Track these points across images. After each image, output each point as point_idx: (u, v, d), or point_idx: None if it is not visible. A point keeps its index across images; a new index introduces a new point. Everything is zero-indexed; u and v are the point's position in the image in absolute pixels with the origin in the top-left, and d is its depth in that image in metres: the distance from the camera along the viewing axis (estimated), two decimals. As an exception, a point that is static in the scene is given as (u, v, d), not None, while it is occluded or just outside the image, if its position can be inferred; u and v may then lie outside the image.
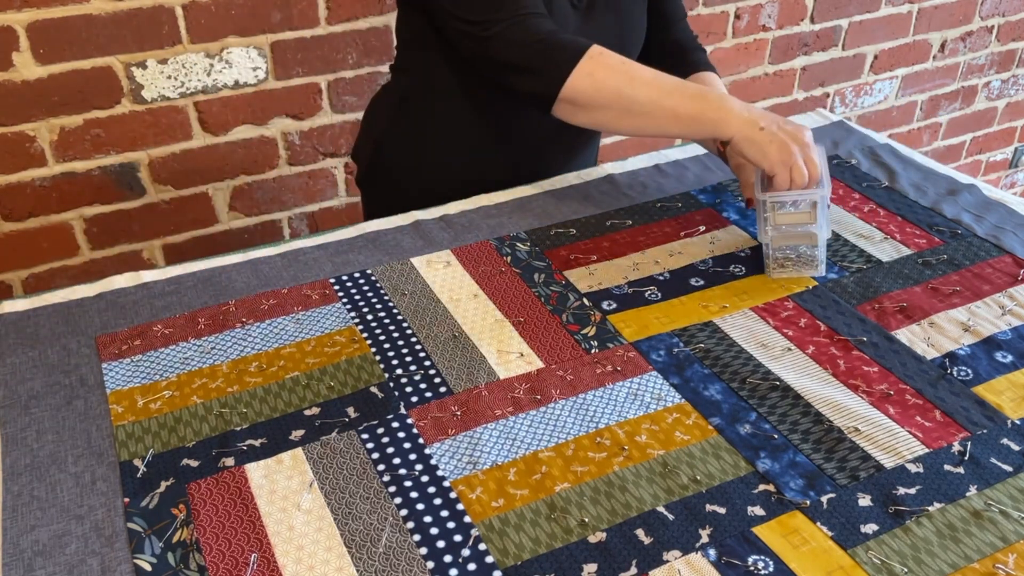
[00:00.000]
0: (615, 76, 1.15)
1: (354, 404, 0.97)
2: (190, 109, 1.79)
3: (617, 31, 1.37)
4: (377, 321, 1.10)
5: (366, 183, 1.52)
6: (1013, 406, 0.96)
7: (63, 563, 0.80)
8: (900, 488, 0.86)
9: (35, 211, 1.76)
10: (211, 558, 0.80)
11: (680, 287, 1.16)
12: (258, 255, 1.23)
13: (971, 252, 1.22)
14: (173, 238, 1.92)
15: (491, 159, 1.41)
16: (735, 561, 0.79)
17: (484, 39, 1.19)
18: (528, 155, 1.43)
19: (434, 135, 1.41)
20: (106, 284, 1.16)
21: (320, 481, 0.88)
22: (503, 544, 0.81)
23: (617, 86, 1.15)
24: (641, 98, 1.15)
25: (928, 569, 0.79)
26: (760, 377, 1.00)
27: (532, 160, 1.43)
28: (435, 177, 1.42)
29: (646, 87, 1.14)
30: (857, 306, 1.12)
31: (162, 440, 0.93)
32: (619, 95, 1.15)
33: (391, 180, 1.47)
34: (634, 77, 1.15)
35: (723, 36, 2.30)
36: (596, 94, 1.16)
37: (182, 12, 1.69)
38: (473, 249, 1.24)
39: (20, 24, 1.58)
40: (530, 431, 0.94)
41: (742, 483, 0.87)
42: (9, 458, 0.91)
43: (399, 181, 1.45)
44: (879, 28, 2.53)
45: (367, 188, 1.53)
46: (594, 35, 1.30)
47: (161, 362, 1.03)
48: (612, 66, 1.15)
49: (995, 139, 3.06)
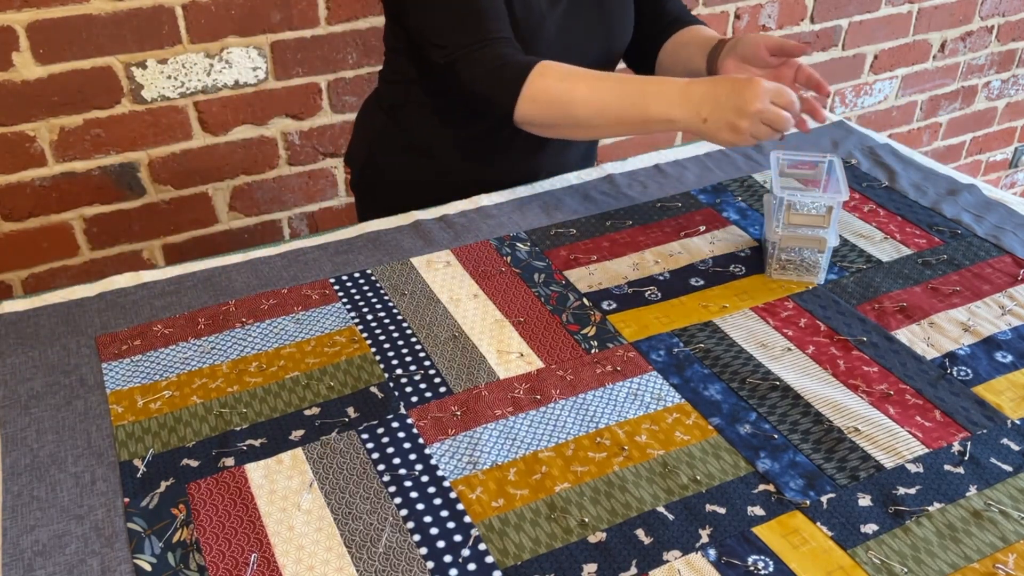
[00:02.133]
0: (555, 98, 1.16)
1: (354, 404, 0.97)
2: (190, 109, 1.79)
3: (602, 25, 1.36)
4: (377, 321, 1.10)
5: (360, 188, 1.52)
6: (1013, 406, 0.96)
7: (63, 563, 0.80)
8: (900, 488, 0.86)
9: (35, 211, 1.76)
10: (211, 558, 0.80)
11: (680, 287, 1.16)
12: (258, 255, 1.23)
13: (971, 252, 1.22)
14: (173, 238, 1.92)
15: (484, 165, 1.41)
16: (735, 561, 0.79)
17: (449, 64, 1.21)
18: (521, 160, 1.42)
19: (426, 142, 1.41)
20: (106, 284, 1.16)
21: (320, 481, 0.88)
22: (503, 544, 0.81)
23: (560, 106, 1.16)
24: (583, 114, 1.15)
25: (928, 569, 0.79)
26: (760, 377, 1.00)
27: (525, 164, 1.43)
28: (429, 182, 1.42)
29: (584, 105, 1.14)
30: (857, 306, 1.12)
31: (162, 440, 0.93)
32: (564, 114, 1.16)
33: (385, 185, 1.47)
34: (574, 96, 1.15)
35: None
36: (543, 116, 1.18)
37: (182, 12, 1.69)
38: (473, 249, 1.24)
39: (20, 24, 1.58)
40: (530, 431, 0.94)
41: (742, 483, 0.87)
42: (9, 458, 0.91)
43: (393, 186, 1.45)
44: (879, 28, 2.53)
45: (361, 193, 1.53)
46: (577, 30, 1.30)
47: (161, 362, 1.03)
48: (550, 88, 1.15)
49: (995, 139, 3.06)
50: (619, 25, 1.39)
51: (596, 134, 1.24)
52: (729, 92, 1.07)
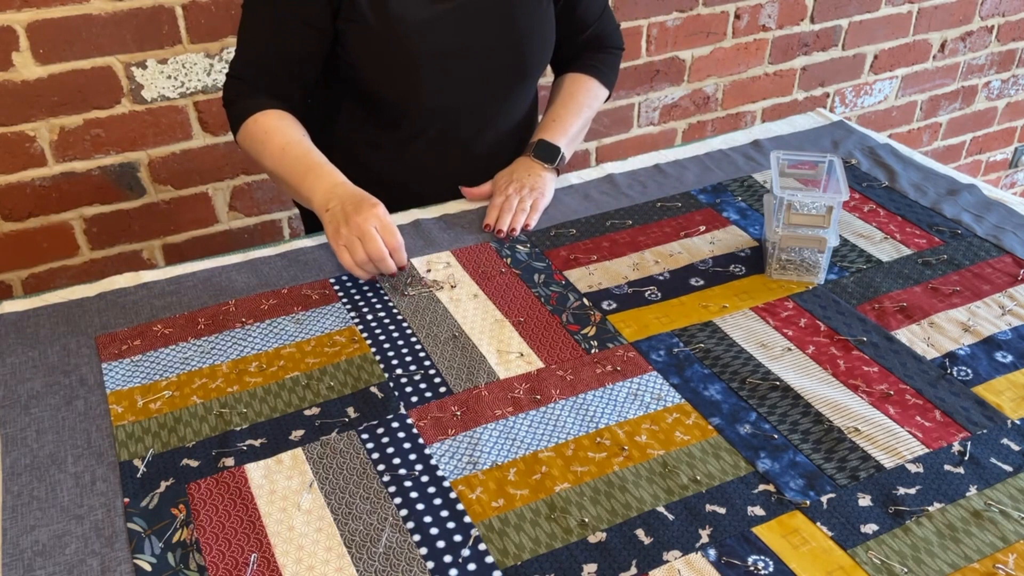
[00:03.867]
0: (254, 144, 1.28)
1: (354, 404, 0.97)
2: (190, 109, 1.79)
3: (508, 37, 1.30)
4: (377, 321, 1.10)
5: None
6: (1013, 406, 0.96)
7: (63, 563, 0.80)
8: (900, 488, 0.86)
9: (35, 211, 1.76)
10: (211, 558, 0.80)
11: (680, 287, 1.16)
12: (258, 255, 1.23)
13: (971, 252, 1.22)
14: (173, 238, 1.92)
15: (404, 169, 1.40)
16: (735, 561, 0.79)
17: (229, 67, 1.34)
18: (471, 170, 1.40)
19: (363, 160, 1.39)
20: (106, 284, 1.16)
21: (320, 481, 0.88)
22: (503, 544, 0.81)
23: (256, 154, 1.29)
24: (268, 166, 1.28)
25: (928, 569, 0.79)
26: (760, 377, 1.00)
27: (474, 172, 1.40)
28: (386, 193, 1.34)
29: (271, 159, 1.26)
30: (857, 306, 1.12)
31: (162, 440, 0.93)
32: (259, 160, 1.30)
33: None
34: (265, 149, 1.27)
35: (723, 36, 2.30)
36: (249, 155, 1.33)
37: (182, 12, 1.69)
38: (473, 250, 1.24)
39: (20, 24, 1.58)
40: (530, 431, 0.94)
41: (742, 483, 0.87)
42: (9, 458, 0.91)
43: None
44: (879, 28, 2.53)
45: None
46: (476, 40, 1.27)
47: (161, 362, 1.03)
48: (255, 135, 1.28)
49: (995, 139, 3.06)
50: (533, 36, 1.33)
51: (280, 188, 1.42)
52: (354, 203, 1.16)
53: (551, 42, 1.38)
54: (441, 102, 1.32)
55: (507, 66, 1.34)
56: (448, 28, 1.27)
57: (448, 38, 1.27)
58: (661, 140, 2.39)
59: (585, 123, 1.45)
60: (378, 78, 1.28)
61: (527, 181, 1.33)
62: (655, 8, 2.15)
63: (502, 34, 1.30)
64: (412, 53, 1.25)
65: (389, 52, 1.25)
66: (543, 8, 1.33)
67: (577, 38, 1.45)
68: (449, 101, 1.32)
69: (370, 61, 1.27)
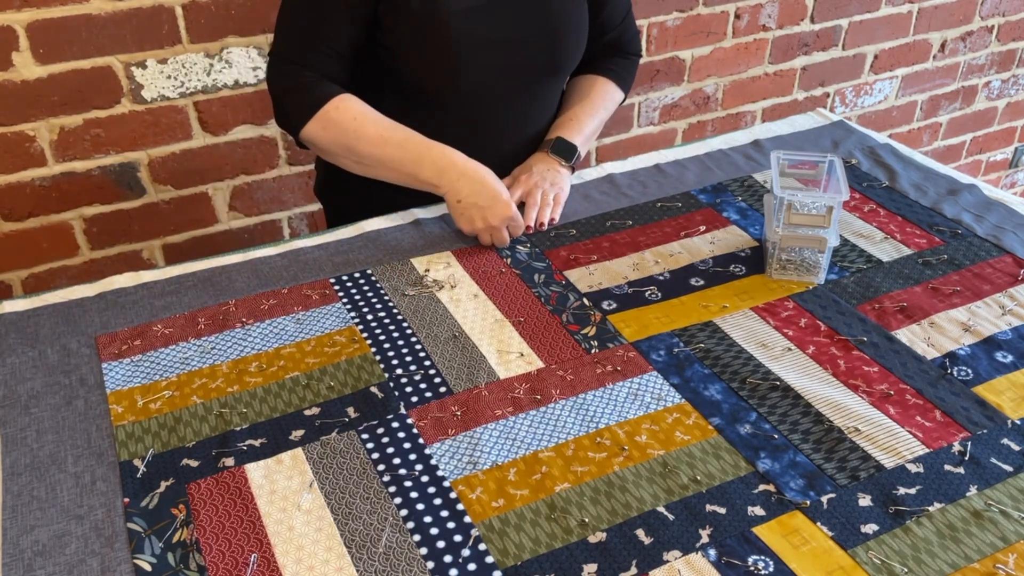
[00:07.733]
0: (344, 132, 1.24)
1: (354, 404, 0.97)
2: (190, 109, 1.79)
3: (544, 29, 1.32)
4: (377, 321, 1.10)
5: (324, 193, 1.51)
6: (1013, 406, 0.96)
7: (63, 563, 0.80)
8: (900, 488, 0.86)
9: (35, 211, 1.76)
10: (211, 558, 0.80)
11: (680, 287, 1.16)
12: (258, 255, 1.23)
13: (971, 252, 1.22)
14: (173, 238, 1.91)
15: None
16: (735, 561, 0.79)
17: (270, 55, 1.29)
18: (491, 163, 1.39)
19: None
20: (106, 284, 1.16)
21: (320, 481, 0.88)
22: (503, 544, 0.81)
23: (345, 141, 1.25)
24: (365, 153, 1.25)
25: (928, 569, 0.79)
26: (760, 377, 1.00)
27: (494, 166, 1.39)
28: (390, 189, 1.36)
29: (370, 144, 1.24)
30: (857, 306, 1.12)
31: (162, 440, 0.93)
32: (347, 148, 1.26)
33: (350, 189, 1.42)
34: (361, 136, 1.24)
35: (723, 36, 2.30)
36: (328, 145, 1.27)
37: (182, 12, 1.69)
38: (473, 250, 1.24)
39: (20, 24, 1.58)
40: (530, 431, 0.94)
41: (742, 483, 0.87)
42: (9, 458, 0.91)
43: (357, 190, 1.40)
44: (879, 28, 2.53)
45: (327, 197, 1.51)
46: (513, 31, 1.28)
47: (161, 362, 1.03)
48: (343, 122, 1.24)
49: (995, 139, 3.06)
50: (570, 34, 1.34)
51: (370, 172, 1.29)
52: (488, 199, 1.23)
53: (584, 39, 1.39)
54: (474, 91, 1.32)
55: (541, 59, 1.34)
56: (488, 17, 1.28)
57: (487, 27, 1.28)
58: (661, 140, 2.39)
59: (599, 125, 1.47)
60: (415, 63, 1.28)
61: (548, 176, 1.35)
62: (655, 8, 2.15)
63: (539, 26, 1.31)
64: (450, 39, 1.26)
65: (429, 37, 1.25)
66: (578, 4, 1.35)
67: (599, 40, 1.45)
68: (483, 91, 1.32)
69: (409, 46, 1.27)
